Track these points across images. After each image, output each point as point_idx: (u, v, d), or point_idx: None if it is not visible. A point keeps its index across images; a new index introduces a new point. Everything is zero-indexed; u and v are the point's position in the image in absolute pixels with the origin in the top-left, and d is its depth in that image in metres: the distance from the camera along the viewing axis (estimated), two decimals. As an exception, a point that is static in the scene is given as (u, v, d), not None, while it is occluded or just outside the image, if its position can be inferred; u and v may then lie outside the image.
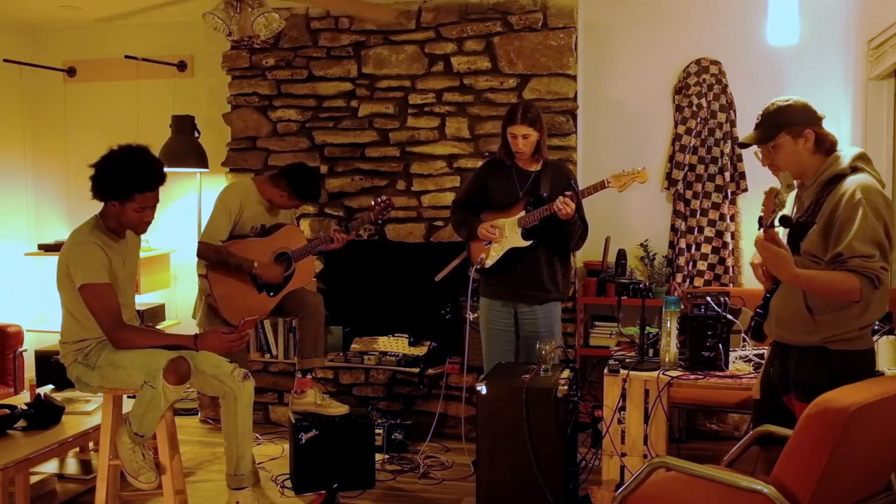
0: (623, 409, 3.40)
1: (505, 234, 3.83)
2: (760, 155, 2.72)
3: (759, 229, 2.41)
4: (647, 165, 4.95)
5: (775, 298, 2.65)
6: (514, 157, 3.87)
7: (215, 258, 3.89)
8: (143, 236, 3.49)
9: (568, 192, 3.68)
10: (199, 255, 3.95)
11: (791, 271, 2.40)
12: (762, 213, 2.40)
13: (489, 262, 3.87)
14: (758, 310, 2.71)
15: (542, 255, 3.84)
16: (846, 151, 2.58)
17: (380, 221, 4.21)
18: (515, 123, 3.77)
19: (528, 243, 3.80)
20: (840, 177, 2.52)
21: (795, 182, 2.64)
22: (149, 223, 3.23)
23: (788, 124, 2.58)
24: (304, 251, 4.06)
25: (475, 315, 4.40)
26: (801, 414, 2.52)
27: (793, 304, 2.56)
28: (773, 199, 2.36)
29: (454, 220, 4.08)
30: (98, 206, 3.24)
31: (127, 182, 3.08)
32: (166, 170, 3.25)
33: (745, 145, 2.72)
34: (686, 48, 4.90)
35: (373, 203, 4.17)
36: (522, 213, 3.81)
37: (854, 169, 2.53)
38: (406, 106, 4.98)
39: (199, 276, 4.00)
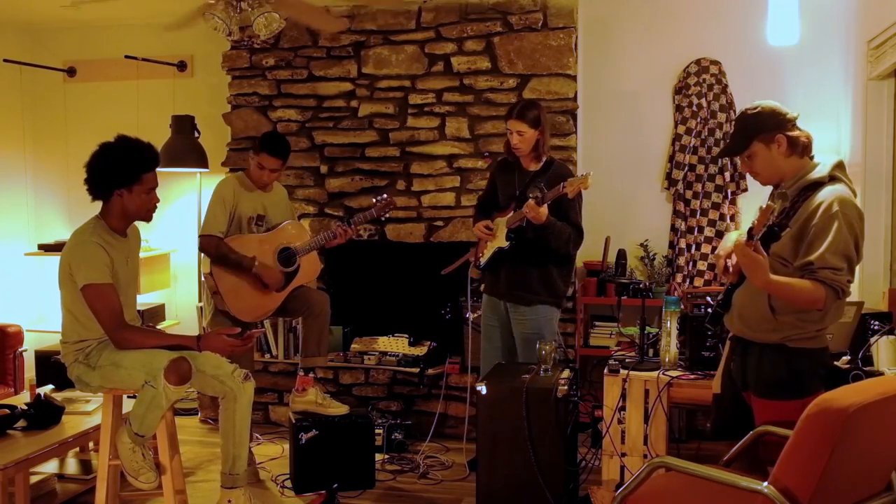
0: (623, 409, 3.40)
1: (496, 234, 3.85)
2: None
3: (748, 239, 2.44)
4: (647, 165, 5.01)
5: (739, 295, 2.68)
6: (515, 155, 3.89)
7: (215, 252, 3.89)
8: (142, 236, 3.49)
9: (536, 196, 3.61)
10: (200, 249, 3.97)
11: (765, 278, 2.44)
12: (753, 225, 2.45)
13: (482, 261, 3.94)
14: (719, 300, 2.74)
15: (530, 257, 3.82)
16: (825, 159, 2.62)
17: (382, 219, 4.21)
18: (511, 119, 3.79)
19: (506, 244, 3.81)
20: (818, 184, 2.56)
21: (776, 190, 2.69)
22: (156, 207, 3.26)
23: (759, 132, 2.61)
24: (307, 247, 4.05)
25: (476, 315, 4.40)
26: (758, 410, 2.63)
27: (757, 302, 2.61)
28: (767, 215, 2.41)
29: (473, 219, 4.16)
30: (97, 208, 3.24)
31: (133, 164, 3.13)
32: (166, 170, 3.28)
33: (724, 156, 2.75)
34: (686, 48, 4.90)
35: (374, 200, 4.17)
36: (511, 214, 3.82)
37: (832, 178, 2.57)
38: (406, 106, 4.98)
39: (205, 275, 4.00)
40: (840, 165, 2.61)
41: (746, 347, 2.69)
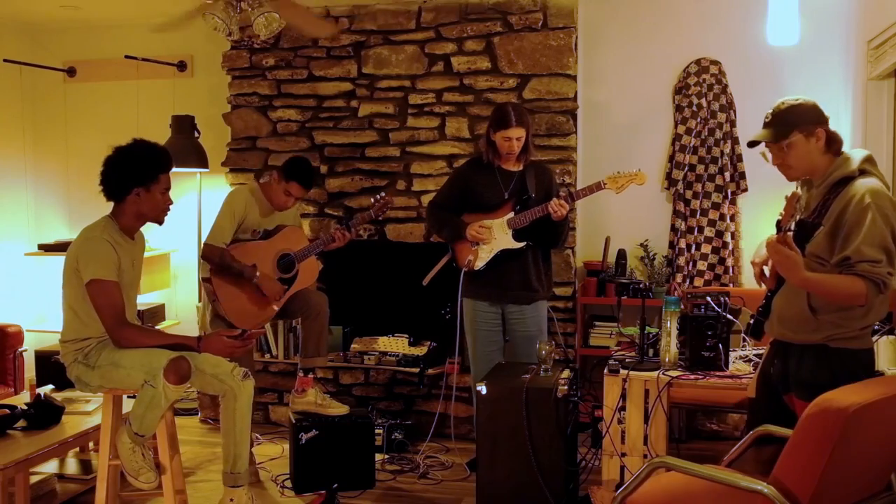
0: (623, 409, 3.40)
1: (494, 236, 3.83)
2: (769, 155, 2.68)
3: (777, 232, 2.41)
4: (647, 165, 4.97)
5: (778, 298, 2.65)
6: (501, 159, 3.87)
7: (218, 261, 3.89)
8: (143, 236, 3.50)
9: (563, 194, 3.69)
10: (203, 257, 3.96)
11: (801, 275, 2.41)
12: (780, 217, 2.41)
13: (479, 264, 3.86)
14: (759, 308, 2.72)
15: (529, 256, 3.85)
16: (854, 154, 2.58)
17: (379, 218, 4.22)
18: (511, 127, 3.76)
19: (520, 245, 3.80)
20: (848, 179, 2.53)
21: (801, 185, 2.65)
22: (169, 209, 3.28)
23: (801, 123, 2.58)
24: (306, 252, 4.05)
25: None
26: (801, 413, 2.55)
27: (796, 303, 2.57)
28: (794, 204, 2.37)
29: (434, 221, 4.05)
30: (97, 208, 3.25)
31: (152, 163, 3.17)
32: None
33: (755, 143, 2.70)
34: (686, 48, 4.90)
35: (372, 200, 4.18)
36: (511, 215, 3.81)
37: (862, 172, 2.53)
38: (406, 106, 4.98)
39: (203, 279, 4.00)
40: (869, 159, 2.57)
41: (787, 350, 2.65)
